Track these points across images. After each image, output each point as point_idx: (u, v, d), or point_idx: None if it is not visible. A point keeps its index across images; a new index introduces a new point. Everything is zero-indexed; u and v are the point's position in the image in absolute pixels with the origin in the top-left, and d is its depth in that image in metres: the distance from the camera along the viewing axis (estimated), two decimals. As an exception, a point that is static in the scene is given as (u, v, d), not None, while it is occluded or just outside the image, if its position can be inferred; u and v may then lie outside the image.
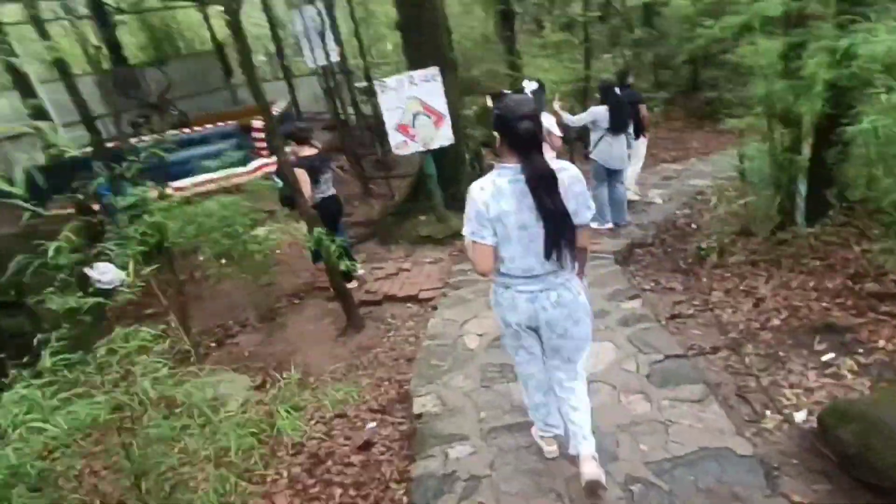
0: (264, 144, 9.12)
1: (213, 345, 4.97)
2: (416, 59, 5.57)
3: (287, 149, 4.51)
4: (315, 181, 4.71)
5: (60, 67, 5.97)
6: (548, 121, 4.85)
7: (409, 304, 4.81)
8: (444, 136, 5.42)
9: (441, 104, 5.31)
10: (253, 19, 18.96)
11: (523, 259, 1.97)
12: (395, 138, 5.49)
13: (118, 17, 12.36)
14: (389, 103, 5.29)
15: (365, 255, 6.15)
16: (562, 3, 11.70)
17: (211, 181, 7.04)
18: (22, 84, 6.36)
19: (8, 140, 10.73)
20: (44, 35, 5.80)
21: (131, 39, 14.68)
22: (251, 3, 15.78)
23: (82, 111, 5.87)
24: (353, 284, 5.12)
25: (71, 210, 6.98)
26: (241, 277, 4.84)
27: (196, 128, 8.64)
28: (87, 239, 2.36)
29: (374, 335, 4.45)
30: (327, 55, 7.80)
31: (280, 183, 5.27)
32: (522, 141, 1.86)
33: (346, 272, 4.41)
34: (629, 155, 5.72)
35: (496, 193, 1.91)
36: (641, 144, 6.39)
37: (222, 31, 17.09)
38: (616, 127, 5.33)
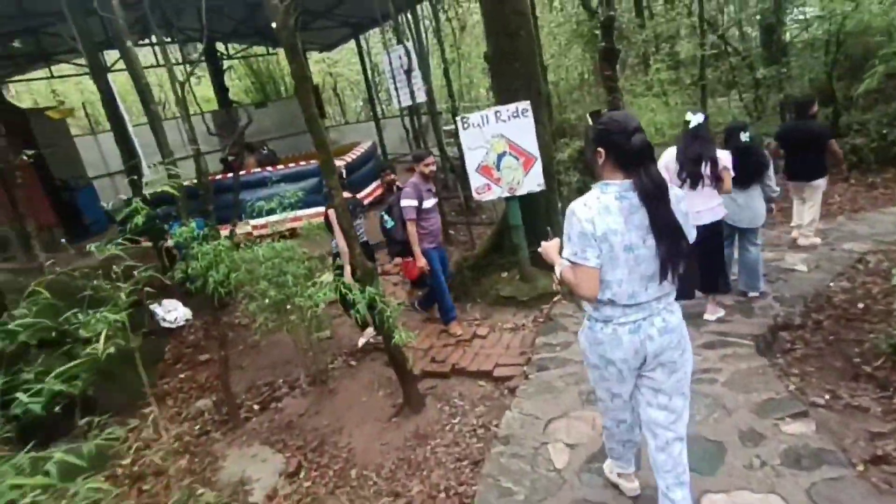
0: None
1: (256, 407, 4.38)
2: (505, 92, 4.87)
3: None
4: None
5: (149, 109, 5.96)
6: (725, 157, 3.81)
7: (481, 382, 3.93)
8: (533, 181, 4.61)
9: (531, 144, 4.53)
10: (354, 65, 19.85)
11: (629, 283, 1.83)
12: (476, 181, 4.76)
13: (227, 63, 13.20)
14: (471, 141, 4.60)
15: (435, 312, 5.40)
16: (670, 40, 10.72)
17: (289, 220, 6.76)
18: (118, 126, 6.50)
19: (117, 175, 11.49)
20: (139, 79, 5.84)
21: (238, 84, 15.66)
22: (351, 50, 16.46)
23: (164, 151, 5.79)
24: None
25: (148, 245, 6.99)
26: (297, 328, 4.26)
27: (279, 167, 8.53)
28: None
29: (434, 420, 3.61)
30: (412, 95, 7.43)
31: (390, 222, 4.71)
32: (635, 155, 1.77)
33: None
34: (772, 208, 4.54)
35: (602, 210, 1.80)
36: (816, 187, 5.40)
37: (319, 75, 17.88)
38: (741, 178, 4.20)
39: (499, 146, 4.55)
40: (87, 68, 8.45)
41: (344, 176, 4.63)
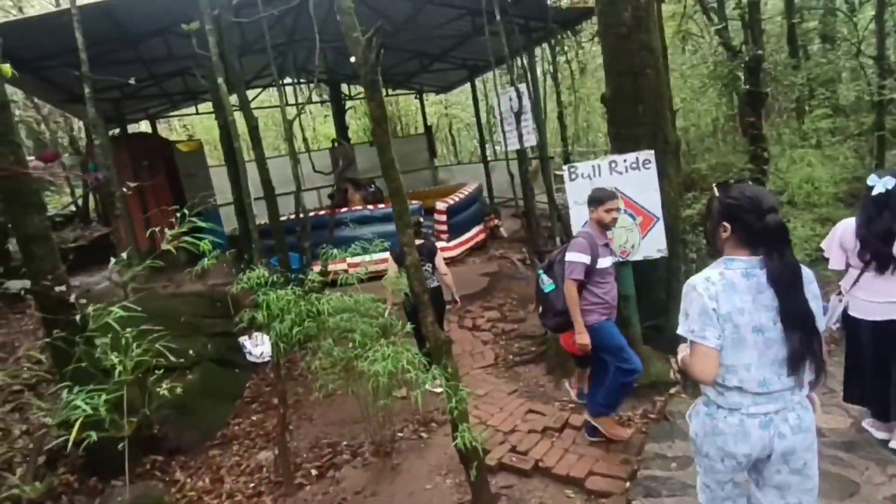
0: (445, 227, 8.55)
1: (314, 472, 3.98)
2: (623, 139, 4.19)
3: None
4: None
5: (258, 146, 6.11)
6: None
7: (569, 492, 3.16)
8: (652, 246, 3.82)
9: (653, 201, 3.77)
10: (469, 107, 20.17)
11: (759, 369, 1.66)
12: (582, 240, 4.07)
13: (350, 104, 13.86)
14: (579, 195, 3.94)
15: (523, 384, 4.70)
16: (829, 84, 9.21)
17: (384, 261, 6.54)
18: (232, 160, 6.81)
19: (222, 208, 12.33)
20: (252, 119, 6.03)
21: (359, 123, 16.45)
22: (466, 92, 16.67)
23: (267, 187, 5.86)
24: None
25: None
26: (363, 390, 3.84)
27: (380, 205, 8.47)
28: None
29: (505, 536, 2.91)
30: (521, 138, 6.98)
31: (550, 285, 3.56)
32: (769, 235, 1.64)
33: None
34: None
35: (728, 287, 1.67)
36: None
37: (435, 116, 18.26)
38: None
39: (612, 202, 3.85)
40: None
41: (421, 222, 4.21)
